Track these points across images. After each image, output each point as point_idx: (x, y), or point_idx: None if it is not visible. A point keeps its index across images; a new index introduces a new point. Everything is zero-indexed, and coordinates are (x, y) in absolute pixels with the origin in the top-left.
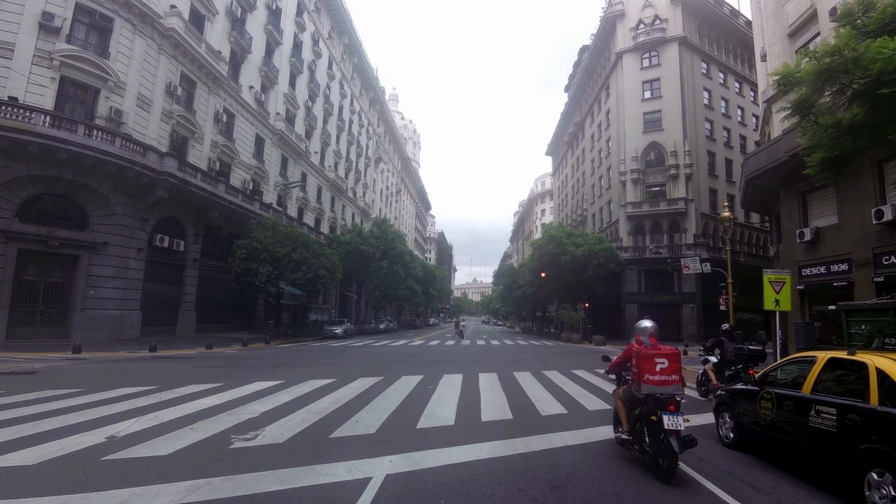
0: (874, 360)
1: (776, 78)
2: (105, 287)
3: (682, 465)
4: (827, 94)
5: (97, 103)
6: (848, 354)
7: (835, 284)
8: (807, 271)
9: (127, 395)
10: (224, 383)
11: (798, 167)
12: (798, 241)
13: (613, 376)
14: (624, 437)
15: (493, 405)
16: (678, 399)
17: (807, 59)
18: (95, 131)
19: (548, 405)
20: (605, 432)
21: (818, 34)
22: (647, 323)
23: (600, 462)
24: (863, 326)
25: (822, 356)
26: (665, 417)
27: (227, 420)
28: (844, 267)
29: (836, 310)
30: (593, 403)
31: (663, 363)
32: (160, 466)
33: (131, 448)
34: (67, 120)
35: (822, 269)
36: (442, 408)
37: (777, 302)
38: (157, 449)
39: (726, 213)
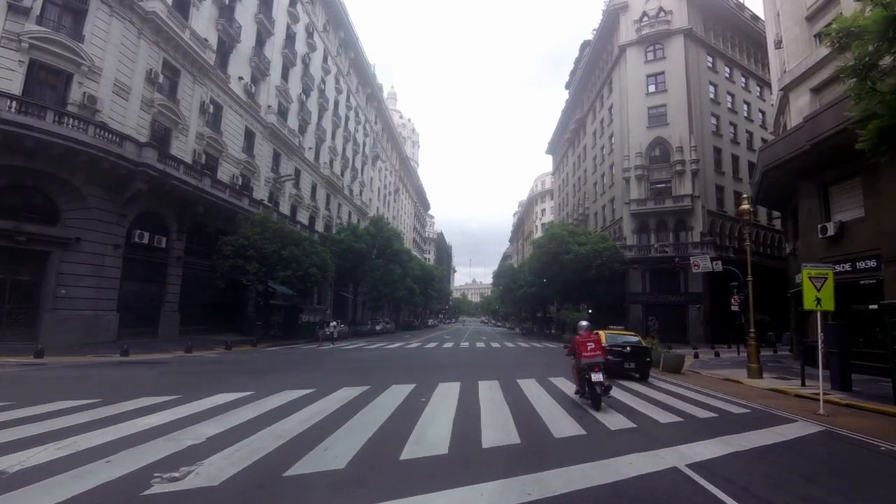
0: (601, 332)
1: (832, 34)
2: (78, 286)
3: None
4: (893, 50)
5: (70, 89)
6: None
7: (862, 283)
8: None
9: (59, 410)
10: (182, 395)
11: (820, 157)
12: (820, 236)
13: (572, 357)
14: (577, 392)
15: (496, 423)
16: (601, 364)
17: (869, 7)
18: (67, 118)
19: (560, 423)
20: (639, 464)
21: (840, 15)
22: (583, 323)
23: None
24: None
25: (602, 333)
26: (593, 375)
27: (161, 448)
28: (872, 263)
29: (877, 309)
30: (614, 420)
31: (591, 345)
32: None
33: (11, 493)
34: (35, 105)
35: (847, 267)
36: (434, 428)
37: (818, 301)
38: (46, 494)
39: (745, 206)
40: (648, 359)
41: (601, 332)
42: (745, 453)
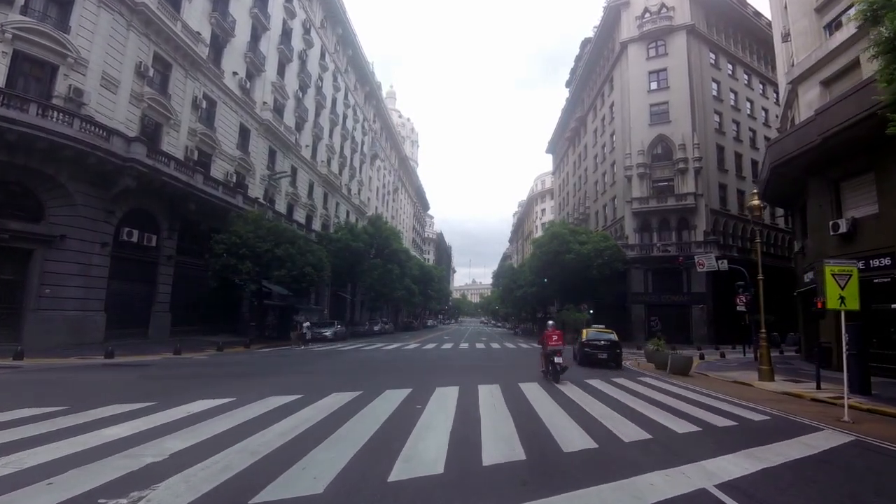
0: (582, 331)
1: (863, 7)
2: (64, 285)
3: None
4: None
5: (55, 81)
6: (584, 329)
7: (875, 281)
8: None
9: (17, 420)
10: (158, 402)
11: (831, 151)
12: (831, 233)
13: (541, 347)
14: (542, 370)
15: (498, 435)
16: (561, 351)
17: None
18: (51, 111)
19: (569, 434)
20: (662, 485)
21: (851, 6)
22: (550, 322)
23: None
24: None
25: (585, 331)
26: (555, 358)
27: (116, 467)
28: (887, 262)
29: None
30: (628, 431)
31: (556, 338)
32: None
33: None
34: (18, 98)
35: (860, 265)
36: (429, 441)
37: (842, 299)
38: None
39: (755, 202)
40: (619, 350)
41: (584, 330)
42: (777, 469)
